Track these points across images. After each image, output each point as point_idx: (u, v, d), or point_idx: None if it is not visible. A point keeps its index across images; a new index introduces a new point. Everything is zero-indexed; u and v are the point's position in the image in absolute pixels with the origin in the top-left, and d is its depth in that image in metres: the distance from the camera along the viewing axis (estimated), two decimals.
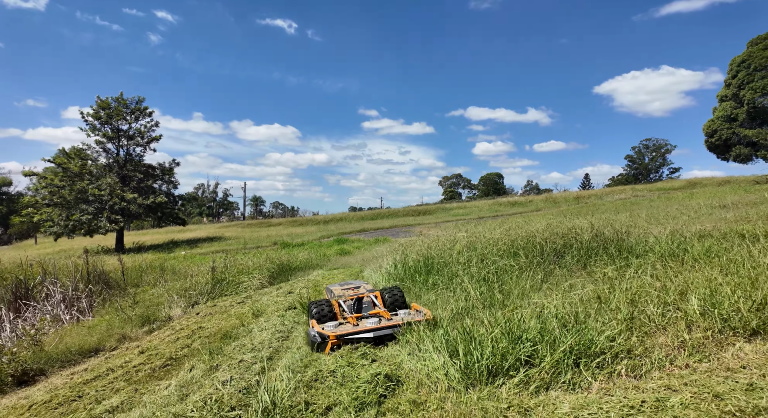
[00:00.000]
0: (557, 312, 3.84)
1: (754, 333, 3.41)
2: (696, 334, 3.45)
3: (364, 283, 6.48)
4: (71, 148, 29.03)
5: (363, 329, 4.27)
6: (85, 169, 27.52)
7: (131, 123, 29.67)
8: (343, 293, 5.80)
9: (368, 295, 5.47)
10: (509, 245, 7.24)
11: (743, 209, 13.70)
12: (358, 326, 4.44)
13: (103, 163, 29.23)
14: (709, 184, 42.05)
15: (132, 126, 29.76)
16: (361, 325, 4.46)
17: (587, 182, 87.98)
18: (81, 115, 28.49)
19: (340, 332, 4.23)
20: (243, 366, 4.17)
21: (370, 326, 4.32)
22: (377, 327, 4.28)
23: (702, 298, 3.88)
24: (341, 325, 4.57)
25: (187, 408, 3.16)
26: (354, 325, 4.49)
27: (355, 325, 4.48)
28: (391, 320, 4.53)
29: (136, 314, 8.47)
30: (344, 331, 4.27)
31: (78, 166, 27.04)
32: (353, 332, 4.25)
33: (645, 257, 6.17)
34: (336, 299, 5.47)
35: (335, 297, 5.61)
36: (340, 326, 4.49)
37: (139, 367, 4.89)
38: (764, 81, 26.31)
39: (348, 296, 5.54)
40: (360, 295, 5.48)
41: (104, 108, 28.51)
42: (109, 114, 28.56)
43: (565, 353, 3.16)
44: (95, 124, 28.69)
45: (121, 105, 29.06)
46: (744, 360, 2.99)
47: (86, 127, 28.64)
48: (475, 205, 52.08)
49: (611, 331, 3.46)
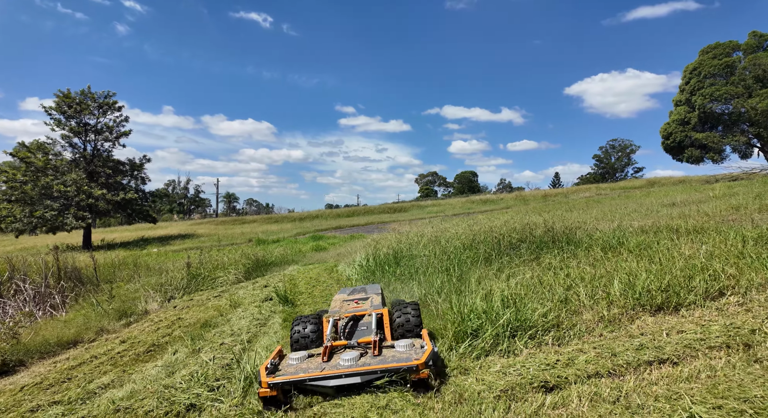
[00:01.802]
0: (502, 295, 4.44)
1: (659, 309, 4.12)
2: (614, 310, 4.13)
3: (377, 291, 4.90)
4: (32, 142, 27.97)
5: (318, 375, 3.01)
6: (49, 165, 26.60)
7: (99, 117, 28.83)
8: (341, 306, 4.34)
9: (370, 312, 4.11)
10: (471, 240, 7.88)
11: (688, 206, 14.97)
12: (325, 362, 3.23)
13: (68, 159, 28.29)
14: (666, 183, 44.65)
15: (100, 121, 28.92)
16: (331, 362, 3.25)
17: (557, 181, 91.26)
18: (44, 109, 27.48)
19: (280, 378, 2.97)
20: (224, 348, 4.58)
21: (339, 368, 3.08)
22: (343, 371, 3.02)
23: (623, 282, 4.58)
24: (311, 357, 3.37)
25: (175, 381, 3.57)
26: (323, 360, 3.26)
27: (324, 360, 3.26)
28: (378, 356, 3.24)
29: (113, 308, 8.63)
30: (285, 377, 3.00)
31: (42, 161, 26.12)
32: (301, 378, 2.99)
33: (589, 249, 6.92)
34: (328, 317, 4.08)
35: (328, 314, 4.19)
36: (309, 361, 3.31)
37: (123, 353, 5.20)
38: (713, 88, 28.33)
39: (343, 313, 4.14)
40: (358, 313, 4.13)
41: (69, 103, 27.57)
42: (75, 108, 27.67)
43: (503, 327, 3.76)
44: (60, 118, 27.74)
45: (89, 99, 28.19)
46: (644, 329, 3.67)
47: (50, 121, 27.65)
48: (448, 203, 53.25)
49: (544, 309, 4.10)
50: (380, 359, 3.18)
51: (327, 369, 3.09)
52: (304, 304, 6.93)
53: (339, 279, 8.99)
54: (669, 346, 3.15)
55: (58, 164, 27.18)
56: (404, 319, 3.84)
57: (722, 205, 12.64)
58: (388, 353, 3.27)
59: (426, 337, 3.43)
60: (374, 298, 4.53)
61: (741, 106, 27.34)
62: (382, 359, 3.15)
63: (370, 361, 3.16)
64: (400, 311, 3.91)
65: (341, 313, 4.14)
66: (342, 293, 4.96)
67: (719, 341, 3.13)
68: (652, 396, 2.37)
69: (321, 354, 3.32)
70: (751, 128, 28.50)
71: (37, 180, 25.77)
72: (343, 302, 4.47)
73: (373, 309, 4.13)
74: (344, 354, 3.23)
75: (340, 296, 4.74)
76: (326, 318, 4.06)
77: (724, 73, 28.87)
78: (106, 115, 29.23)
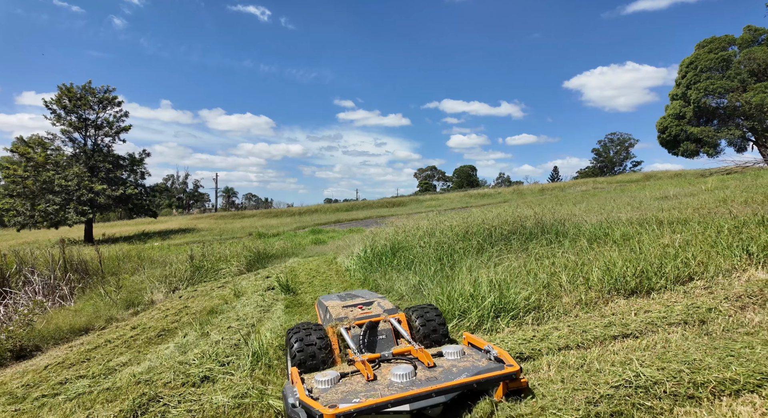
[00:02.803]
0: (489, 280, 4.80)
1: (632, 292, 4.48)
2: (590, 294, 4.49)
3: (376, 295, 4.26)
4: (31, 137, 28.18)
5: (394, 397, 2.32)
6: (50, 160, 26.83)
7: (99, 113, 29.01)
8: (345, 313, 3.58)
9: (386, 317, 3.45)
10: (464, 231, 8.23)
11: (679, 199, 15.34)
12: (371, 382, 2.58)
13: (69, 154, 28.52)
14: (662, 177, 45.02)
15: (100, 116, 29.11)
16: (383, 380, 2.61)
17: (556, 175, 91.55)
18: (44, 104, 27.66)
19: (348, 407, 2.25)
20: (231, 331, 4.93)
21: (407, 390, 2.40)
22: (420, 391, 2.37)
23: (601, 269, 4.94)
24: (344, 377, 2.67)
25: (189, 358, 3.92)
26: (368, 380, 2.59)
27: (371, 379, 2.60)
28: (435, 368, 2.70)
29: (121, 298, 8.98)
30: (357, 404, 2.28)
31: (43, 156, 26.34)
32: (377, 403, 2.29)
33: (575, 240, 7.28)
34: (333, 326, 3.36)
35: (332, 321, 3.44)
36: (344, 382, 2.62)
37: (136, 337, 5.56)
38: (708, 82, 28.57)
39: (353, 320, 3.41)
40: (373, 318, 3.42)
41: (70, 97, 27.74)
42: (75, 103, 27.83)
43: (487, 309, 4.11)
44: (60, 113, 27.92)
45: (89, 94, 28.34)
46: (615, 310, 4.03)
47: (50, 115, 27.83)
48: (446, 197, 53.57)
49: (526, 293, 4.45)
50: (446, 370, 2.64)
51: (394, 390, 2.42)
52: (305, 292, 7.28)
53: (338, 270, 9.34)
54: (634, 323, 3.51)
55: (58, 159, 27.41)
56: (427, 324, 3.35)
57: (711, 198, 12.99)
58: (446, 363, 2.75)
59: (478, 340, 2.97)
60: (381, 302, 3.87)
61: (736, 100, 27.61)
62: (448, 372, 2.62)
63: (436, 367, 2.68)
64: (419, 314, 3.43)
65: (351, 320, 3.39)
66: (330, 299, 4.17)
67: (679, 318, 3.48)
68: (609, 362, 2.73)
69: (357, 372, 2.70)
70: (746, 122, 28.81)
71: (38, 175, 26.03)
72: (344, 309, 3.68)
73: (387, 314, 3.49)
74: (394, 369, 2.59)
75: (334, 303, 3.93)
76: (332, 327, 3.32)
77: (720, 68, 29.11)
78: (106, 111, 29.41)
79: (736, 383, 2.25)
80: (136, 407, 2.88)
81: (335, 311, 3.63)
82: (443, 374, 2.61)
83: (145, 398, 2.97)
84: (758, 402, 2.05)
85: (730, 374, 2.30)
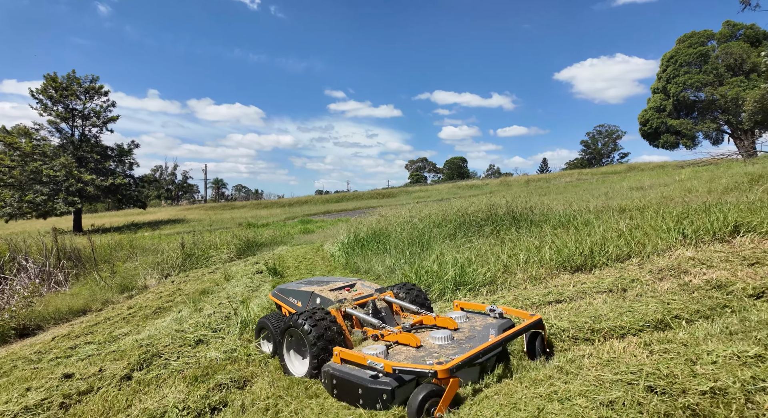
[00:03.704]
0: (454, 260, 5.37)
1: (578, 269, 5.10)
2: (541, 271, 5.09)
3: (356, 279, 4.22)
4: (15, 127, 27.96)
5: (481, 348, 2.49)
6: (37, 150, 26.73)
7: (85, 103, 28.85)
8: (342, 295, 3.61)
9: (380, 296, 3.65)
10: (441, 219, 8.81)
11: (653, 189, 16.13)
12: (423, 348, 2.77)
13: (56, 144, 28.39)
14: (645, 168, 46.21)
15: (87, 106, 28.95)
16: (427, 345, 2.82)
17: (545, 167, 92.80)
18: (31, 94, 27.44)
19: (456, 360, 2.32)
20: (222, 306, 5.45)
21: (484, 342, 2.63)
22: (492, 342, 2.58)
23: (555, 249, 5.54)
24: (389, 348, 2.79)
25: (184, 327, 4.44)
26: (417, 347, 2.77)
27: (419, 346, 2.78)
28: (458, 330, 2.98)
29: (115, 283, 9.42)
30: (459, 357, 2.36)
31: (30, 146, 26.23)
32: (472, 354, 2.41)
33: (540, 226, 7.89)
34: (338, 308, 3.37)
35: (333, 304, 3.42)
36: (392, 353, 2.74)
37: (134, 313, 6.05)
38: (686, 76, 29.43)
39: (353, 301, 3.50)
40: (370, 297, 3.59)
41: (55, 87, 27.54)
42: (61, 93, 27.65)
43: (448, 283, 4.69)
44: (47, 103, 27.73)
45: (74, 83, 28.15)
46: (559, 283, 4.64)
47: (37, 105, 27.63)
48: (435, 189, 54.27)
49: (484, 269, 5.04)
50: (469, 331, 2.95)
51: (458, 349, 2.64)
52: (292, 275, 7.81)
53: (324, 256, 9.87)
54: (569, 292, 4.11)
55: (45, 149, 27.30)
56: (414, 298, 3.69)
57: (679, 188, 13.78)
58: (465, 325, 3.05)
59: (465, 304, 3.38)
60: (360, 283, 3.97)
61: (712, 94, 28.53)
62: (473, 330, 2.95)
63: (477, 334, 2.90)
64: (405, 291, 3.75)
65: (351, 302, 3.47)
66: (304, 284, 4.08)
67: (606, 287, 4.10)
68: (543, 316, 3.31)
69: (396, 343, 2.85)
70: (722, 115, 29.79)
71: (25, 165, 25.94)
72: (333, 292, 3.68)
73: (379, 293, 3.69)
74: (433, 333, 2.88)
75: (312, 288, 3.82)
76: (335, 310, 3.32)
77: (699, 62, 29.96)
78: (93, 101, 29.25)
79: (624, 329, 2.85)
80: (142, 361, 3.39)
81: (330, 295, 3.60)
82: (472, 333, 2.91)
83: (148, 355, 3.49)
84: (634, 341, 2.64)
85: (620, 322, 2.90)
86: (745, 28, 29.05)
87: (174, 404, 2.43)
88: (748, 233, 5.23)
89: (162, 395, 2.62)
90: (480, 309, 3.30)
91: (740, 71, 28.07)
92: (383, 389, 2.37)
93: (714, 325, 2.82)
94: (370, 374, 2.46)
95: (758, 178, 12.56)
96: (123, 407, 2.60)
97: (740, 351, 2.22)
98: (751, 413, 1.83)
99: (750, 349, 2.23)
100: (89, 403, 2.73)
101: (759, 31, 28.61)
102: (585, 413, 1.89)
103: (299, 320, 3.00)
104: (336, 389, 2.56)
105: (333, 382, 2.57)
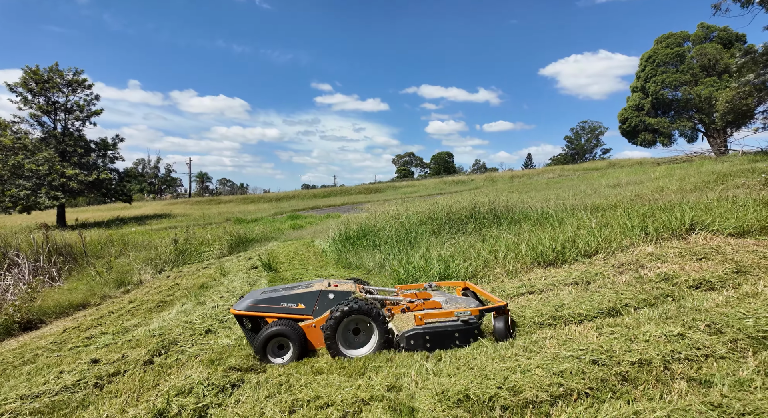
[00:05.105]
0: (439, 255, 5.86)
1: (551, 264, 5.64)
2: (517, 266, 5.61)
3: (318, 279, 4.32)
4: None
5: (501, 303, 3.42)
6: (18, 143, 26.26)
7: (68, 96, 28.37)
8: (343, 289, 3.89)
9: (361, 288, 4.08)
10: (428, 217, 9.30)
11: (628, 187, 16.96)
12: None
13: (38, 137, 27.90)
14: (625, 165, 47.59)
15: (69, 99, 28.47)
16: (443, 301, 3.79)
17: (530, 162, 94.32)
18: (8, 87, 26.85)
19: (504, 301, 3.40)
20: (223, 300, 5.83)
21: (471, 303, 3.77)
22: (492, 305, 3.44)
23: (530, 246, 6.07)
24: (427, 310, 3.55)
25: (192, 318, 4.83)
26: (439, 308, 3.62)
27: (439, 308, 3.63)
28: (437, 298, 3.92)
29: (111, 278, 9.66)
30: (501, 302, 3.41)
31: (11, 140, 25.76)
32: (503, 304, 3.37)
33: (520, 223, 8.45)
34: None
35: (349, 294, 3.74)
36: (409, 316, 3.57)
37: (138, 307, 6.37)
38: (664, 75, 30.50)
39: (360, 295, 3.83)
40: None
41: (36, 79, 27.00)
42: (43, 86, 27.14)
43: (434, 277, 5.17)
44: (27, 96, 27.19)
45: (56, 76, 27.64)
46: (532, 277, 5.17)
47: (17, 98, 27.07)
48: (422, 184, 54.86)
49: (466, 264, 5.54)
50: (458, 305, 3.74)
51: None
52: (286, 270, 8.20)
53: (315, 252, 10.27)
54: (539, 284, 4.64)
55: (27, 143, 26.83)
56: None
57: (651, 186, 14.57)
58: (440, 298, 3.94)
59: (404, 286, 4.46)
60: (329, 280, 4.12)
61: (688, 93, 29.66)
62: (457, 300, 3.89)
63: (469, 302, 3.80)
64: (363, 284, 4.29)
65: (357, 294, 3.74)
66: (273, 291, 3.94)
67: (573, 280, 4.64)
68: (515, 306, 3.82)
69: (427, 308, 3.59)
70: (697, 114, 31.01)
71: (6, 159, 25.49)
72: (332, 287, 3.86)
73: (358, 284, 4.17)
74: (435, 298, 3.86)
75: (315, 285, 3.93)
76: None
77: (675, 62, 31.06)
78: (76, 94, 28.78)
79: (581, 315, 3.37)
80: (160, 348, 3.78)
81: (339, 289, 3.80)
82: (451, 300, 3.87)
83: (165, 342, 3.87)
84: (589, 325, 3.16)
85: (579, 310, 3.43)
86: (718, 30, 30.20)
87: (199, 381, 2.84)
88: (702, 231, 5.85)
89: (186, 375, 3.03)
90: (419, 287, 4.37)
91: (714, 72, 29.23)
92: (476, 326, 3.26)
93: (655, 311, 3.36)
94: (458, 321, 3.25)
95: (723, 177, 13.44)
96: (152, 385, 3.00)
97: (667, 331, 2.75)
98: (666, 375, 2.35)
99: (675, 329, 2.76)
100: (120, 382, 3.13)
101: (731, 34, 29.78)
102: (541, 380, 2.39)
103: (356, 305, 3.33)
104: (429, 343, 3.19)
105: (426, 337, 3.20)
